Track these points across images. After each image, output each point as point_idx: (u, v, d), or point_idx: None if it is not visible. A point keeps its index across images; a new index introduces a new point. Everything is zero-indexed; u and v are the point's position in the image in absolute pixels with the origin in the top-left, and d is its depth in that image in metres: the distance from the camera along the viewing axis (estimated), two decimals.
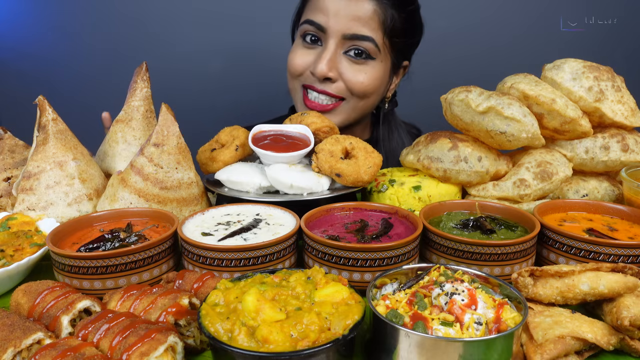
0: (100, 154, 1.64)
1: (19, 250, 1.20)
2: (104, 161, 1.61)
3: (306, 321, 0.81)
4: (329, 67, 1.72)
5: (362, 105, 1.84)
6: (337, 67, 1.74)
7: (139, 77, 1.64)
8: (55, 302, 0.93)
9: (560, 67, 1.43)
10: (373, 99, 1.86)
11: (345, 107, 1.81)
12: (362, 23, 1.69)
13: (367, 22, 1.69)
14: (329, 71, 1.72)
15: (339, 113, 1.82)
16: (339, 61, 1.74)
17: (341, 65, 1.75)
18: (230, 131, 1.53)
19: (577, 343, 0.89)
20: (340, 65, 1.75)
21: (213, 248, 1.07)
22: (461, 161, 1.40)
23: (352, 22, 1.69)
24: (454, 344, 0.79)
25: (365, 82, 1.76)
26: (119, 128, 1.60)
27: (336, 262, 1.08)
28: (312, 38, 1.76)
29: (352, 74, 1.75)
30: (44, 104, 1.44)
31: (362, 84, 1.76)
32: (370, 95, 1.81)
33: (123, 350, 0.80)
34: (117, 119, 1.62)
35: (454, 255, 1.13)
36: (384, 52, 1.76)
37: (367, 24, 1.69)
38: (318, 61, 1.72)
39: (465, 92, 1.40)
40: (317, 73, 1.72)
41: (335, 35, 1.71)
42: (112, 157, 1.59)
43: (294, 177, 1.33)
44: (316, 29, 1.73)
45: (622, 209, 1.29)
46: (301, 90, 1.82)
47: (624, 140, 1.41)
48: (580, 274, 0.98)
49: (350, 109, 1.82)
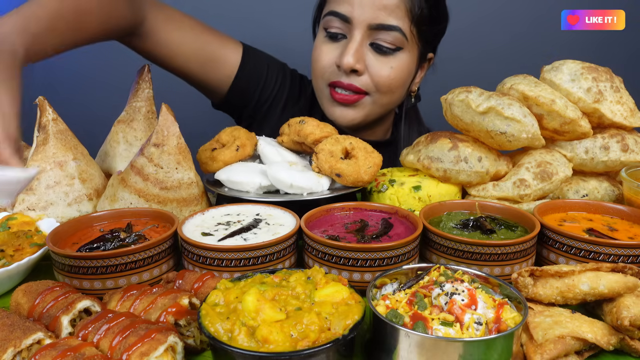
0: (101, 154, 1.64)
1: (19, 250, 1.20)
2: (104, 161, 1.61)
3: (306, 321, 0.81)
4: (356, 58, 1.64)
5: (386, 101, 1.77)
6: (363, 59, 1.67)
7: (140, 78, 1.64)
8: (55, 302, 0.93)
9: (559, 69, 1.43)
10: (398, 94, 1.79)
11: (368, 101, 1.74)
12: (388, 12, 1.62)
13: (394, 11, 1.63)
14: (356, 63, 1.64)
15: (362, 107, 1.74)
16: (365, 53, 1.68)
17: (367, 57, 1.68)
18: (231, 131, 1.53)
19: (577, 343, 0.89)
20: (367, 58, 1.68)
21: (213, 248, 1.07)
22: (461, 161, 1.40)
23: (378, 12, 1.62)
24: (454, 344, 0.79)
25: (392, 75, 1.69)
26: (120, 128, 1.60)
27: (336, 262, 1.08)
28: (336, 32, 1.70)
29: (378, 68, 1.68)
30: (44, 104, 1.44)
31: (389, 77, 1.69)
32: (396, 89, 1.75)
33: (123, 350, 0.80)
34: (118, 120, 1.62)
35: (454, 255, 1.13)
36: (411, 41, 1.69)
37: (394, 13, 1.63)
38: (344, 53, 1.65)
39: (465, 93, 1.40)
40: (343, 65, 1.65)
41: (360, 25, 1.64)
42: (112, 157, 1.59)
43: (294, 176, 1.33)
44: (341, 20, 1.66)
45: (622, 209, 1.29)
46: (327, 89, 1.75)
47: (624, 141, 1.41)
48: (580, 274, 0.98)
49: (373, 103, 1.75)
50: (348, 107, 1.73)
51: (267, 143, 1.52)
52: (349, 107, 1.73)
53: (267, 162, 1.48)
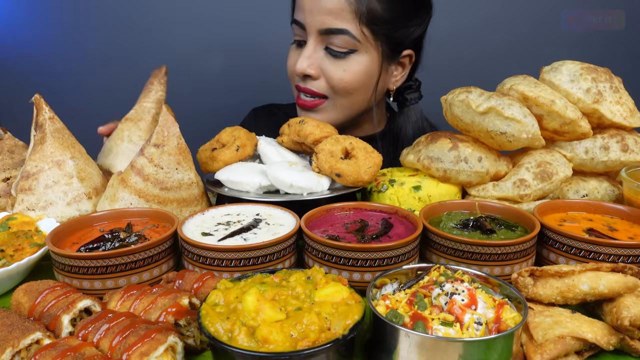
0: (105, 149, 1.64)
1: (19, 250, 1.20)
2: (107, 157, 1.61)
3: (306, 321, 0.81)
4: (308, 64, 1.69)
5: (347, 103, 1.76)
6: (317, 64, 1.70)
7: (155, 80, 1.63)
8: (56, 301, 0.93)
9: (558, 70, 1.43)
10: (360, 96, 1.77)
11: (328, 105, 1.76)
12: (334, 16, 1.64)
13: (340, 14, 1.63)
14: (307, 68, 1.69)
15: (324, 111, 1.77)
16: (320, 57, 1.71)
17: (322, 61, 1.71)
18: (232, 131, 1.53)
19: (577, 343, 0.89)
20: (322, 62, 1.71)
21: (213, 248, 1.07)
22: (461, 161, 1.40)
23: (325, 16, 1.64)
24: (454, 344, 0.79)
25: (346, 78, 1.70)
26: (126, 126, 1.60)
27: (336, 262, 1.08)
28: (299, 39, 1.75)
29: (332, 71, 1.70)
30: (41, 102, 1.44)
31: (342, 80, 1.70)
32: (354, 91, 1.73)
33: (123, 350, 0.80)
34: (126, 117, 1.62)
35: (454, 255, 1.13)
36: (365, 42, 1.68)
37: (340, 16, 1.64)
38: (299, 59, 1.70)
39: (465, 93, 1.40)
40: (297, 71, 1.71)
41: (312, 31, 1.68)
42: (115, 154, 1.59)
43: (294, 176, 1.34)
44: (299, 27, 1.72)
45: (622, 209, 1.29)
46: (296, 92, 1.82)
47: (624, 141, 1.42)
48: (580, 274, 0.98)
49: (334, 107, 1.76)
50: (311, 111, 1.77)
51: (267, 143, 1.52)
52: (312, 111, 1.77)
53: (267, 162, 1.48)
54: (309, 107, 1.76)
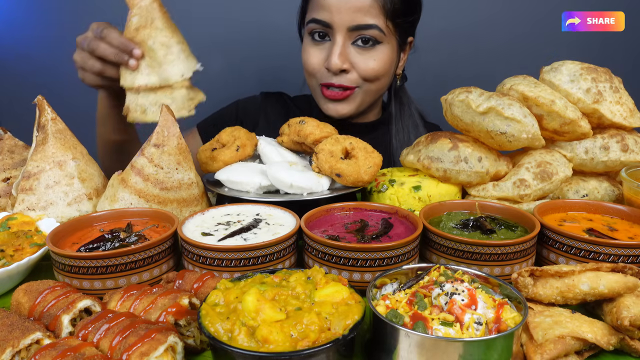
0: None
1: (19, 250, 1.20)
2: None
3: (306, 321, 0.81)
4: (341, 60, 1.79)
5: (375, 89, 1.92)
6: (348, 59, 1.81)
7: None
8: (56, 301, 0.93)
9: (558, 70, 1.43)
10: (385, 81, 1.94)
11: (359, 93, 1.89)
12: (364, 12, 1.75)
13: (369, 11, 1.76)
14: (342, 64, 1.79)
15: (354, 100, 1.89)
16: (349, 52, 1.82)
17: (352, 55, 1.82)
18: (232, 131, 1.53)
19: (577, 343, 0.89)
20: (351, 56, 1.82)
21: (213, 248, 1.07)
22: (461, 161, 1.40)
23: (355, 14, 1.75)
24: (454, 344, 0.79)
25: (376, 67, 1.83)
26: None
27: (336, 262, 1.08)
28: (319, 34, 1.85)
29: (363, 63, 1.82)
30: (43, 103, 1.44)
31: (374, 69, 1.83)
32: (382, 77, 1.89)
33: (123, 350, 0.80)
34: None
35: (454, 255, 1.13)
36: (388, 34, 1.83)
37: (369, 12, 1.76)
38: (330, 56, 1.80)
39: (465, 93, 1.40)
40: (332, 68, 1.80)
41: (341, 29, 1.78)
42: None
43: (294, 176, 1.34)
44: (322, 26, 1.81)
45: (622, 209, 1.29)
46: (319, 88, 1.90)
47: (624, 141, 1.42)
48: (580, 274, 0.98)
49: (364, 93, 1.90)
50: (341, 102, 1.88)
51: (267, 143, 1.52)
52: (341, 101, 1.88)
53: (267, 162, 1.48)
54: (339, 99, 1.87)
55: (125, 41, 1.43)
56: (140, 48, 1.42)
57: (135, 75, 1.44)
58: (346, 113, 1.91)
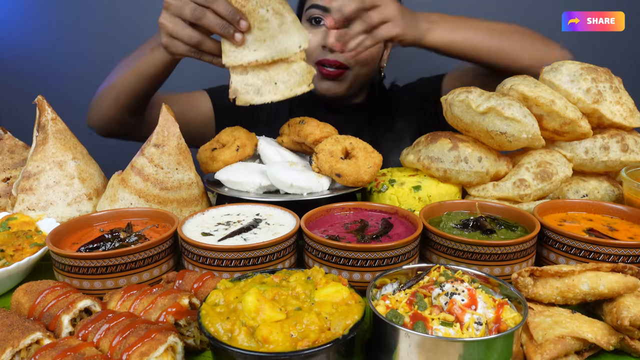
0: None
1: (19, 250, 1.20)
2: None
3: (306, 321, 0.81)
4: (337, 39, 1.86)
5: (363, 73, 2.02)
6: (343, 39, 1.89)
7: None
8: (56, 301, 0.93)
9: (558, 70, 1.43)
10: (372, 66, 2.04)
11: (349, 75, 1.98)
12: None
13: None
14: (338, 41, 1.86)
15: (345, 80, 1.98)
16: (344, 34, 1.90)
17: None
18: (232, 131, 1.53)
19: (577, 343, 0.89)
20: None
21: (213, 248, 1.07)
22: (461, 161, 1.40)
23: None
24: (454, 344, 0.79)
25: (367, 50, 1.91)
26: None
27: (336, 262, 1.08)
28: (316, 20, 1.94)
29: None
30: (43, 103, 1.45)
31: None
32: (371, 62, 2.00)
33: (123, 350, 0.80)
34: None
35: (454, 255, 1.13)
36: None
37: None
38: (328, 35, 1.88)
39: (465, 93, 1.40)
40: (329, 45, 1.88)
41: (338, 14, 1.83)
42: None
43: (294, 176, 1.34)
44: (322, 11, 1.91)
45: (622, 209, 1.29)
46: (315, 67, 1.95)
47: (624, 141, 1.41)
48: (580, 274, 0.98)
49: (354, 77, 1.99)
50: (334, 81, 1.98)
51: (267, 143, 1.52)
52: (334, 81, 1.98)
53: (267, 162, 1.48)
54: (333, 76, 1.96)
55: (235, 11, 1.26)
56: (246, 19, 1.26)
57: (241, 51, 1.28)
58: (339, 92, 2.00)
